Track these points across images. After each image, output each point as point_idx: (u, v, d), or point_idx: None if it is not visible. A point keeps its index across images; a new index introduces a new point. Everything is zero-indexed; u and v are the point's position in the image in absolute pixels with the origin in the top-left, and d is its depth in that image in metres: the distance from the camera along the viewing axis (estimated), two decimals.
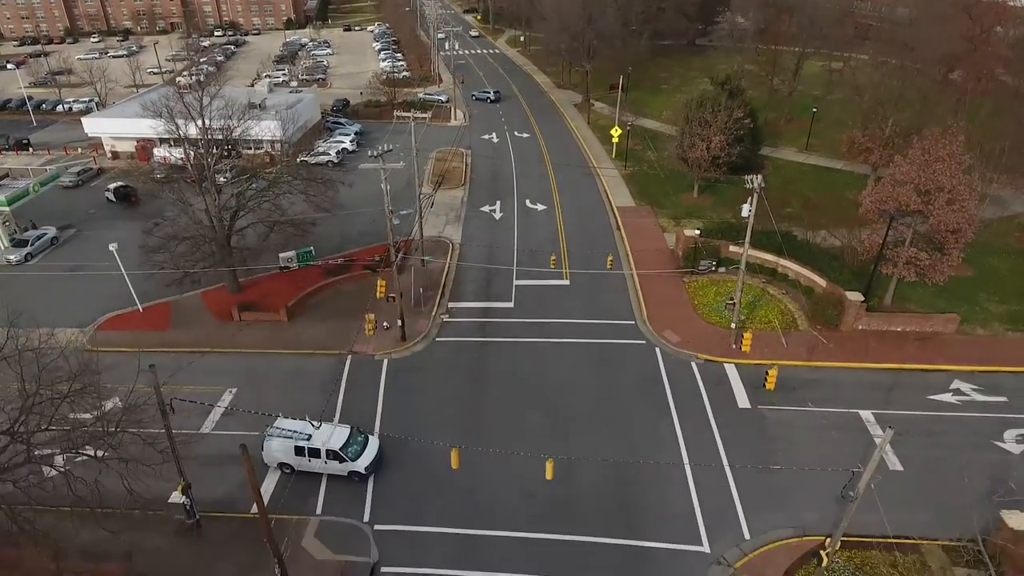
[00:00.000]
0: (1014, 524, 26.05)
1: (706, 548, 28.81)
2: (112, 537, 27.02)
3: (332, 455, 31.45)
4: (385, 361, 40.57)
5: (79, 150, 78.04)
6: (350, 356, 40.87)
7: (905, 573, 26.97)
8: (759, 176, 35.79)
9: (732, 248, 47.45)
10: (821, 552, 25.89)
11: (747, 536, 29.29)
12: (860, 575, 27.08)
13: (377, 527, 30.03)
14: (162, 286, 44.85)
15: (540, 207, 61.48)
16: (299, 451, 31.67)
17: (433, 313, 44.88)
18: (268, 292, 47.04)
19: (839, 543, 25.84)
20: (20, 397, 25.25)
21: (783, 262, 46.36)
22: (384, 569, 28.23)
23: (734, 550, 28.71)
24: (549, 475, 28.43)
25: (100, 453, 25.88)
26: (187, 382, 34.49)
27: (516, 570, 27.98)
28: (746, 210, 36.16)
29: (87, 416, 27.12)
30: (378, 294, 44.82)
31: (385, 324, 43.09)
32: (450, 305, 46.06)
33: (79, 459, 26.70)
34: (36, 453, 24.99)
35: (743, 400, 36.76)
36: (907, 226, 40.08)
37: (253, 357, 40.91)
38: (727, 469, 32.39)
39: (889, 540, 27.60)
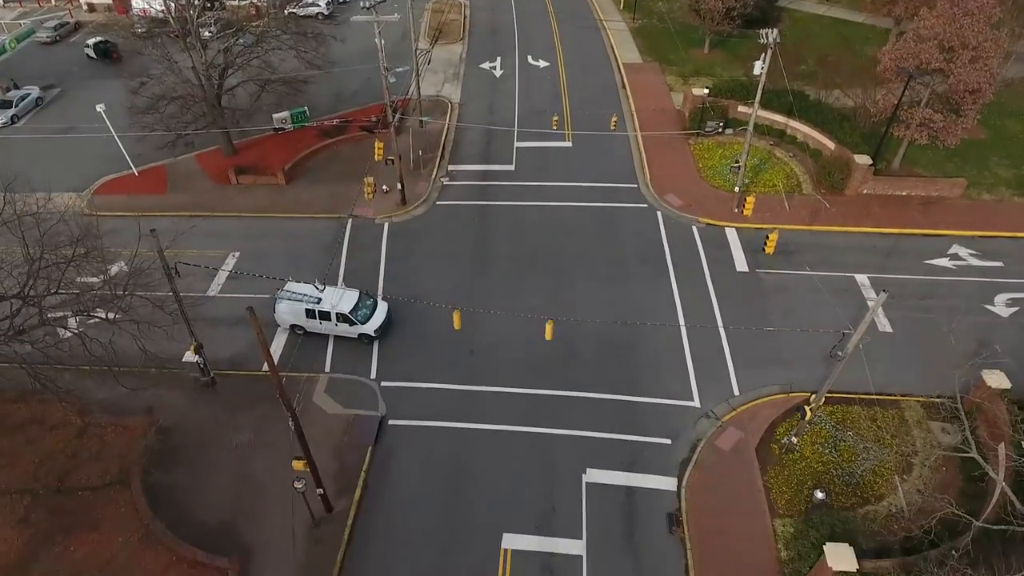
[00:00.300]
0: (993, 383, 27.19)
1: (697, 403, 30.33)
2: (132, 394, 28.40)
3: (342, 318, 32.26)
4: (386, 225, 40.58)
5: (52, 2, 73.31)
6: (351, 220, 40.81)
7: (883, 426, 28.57)
8: (775, 30, 33.76)
9: (741, 108, 45.84)
10: (805, 407, 27.21)
11: (736, 392, 30.74)
12: (841, 428, 28.74)
13: (383, 384, 31.45)
14: (155, 149, 43.92)
15: (543, 64, 58.70)
16: (310, 313, 32.46)
17: (433, 176, 44.24)
18: (264, 154, 46.08)
19: (823, 399, 27.12)
20: (26, 262, 25.53)
21: (792, 123, 44.96)
22: (391, 422, 29.93)
23: (723, 405, 30.26)
24: (548, 336, 29.29)
25: (111, 315, 26.58)
26: (189, 246, 34.72)
27: (515, 423, 29.67)
28: (758, 67, 34.49)
29: (94, 280, 27.59)
30: (376, 156, 43.95)
31: (384, 187, 42.62)
32: (450, 168, 45.30)
33: (91, 321, 27.48)
34: (49, 316, 25.64)
35: (741, 264, 37.13)
36: (925, 85, 38.43)
37: (254, 221, 40.87)
38: (721, 330, 33.37)
39: (871, 396, 28.98)
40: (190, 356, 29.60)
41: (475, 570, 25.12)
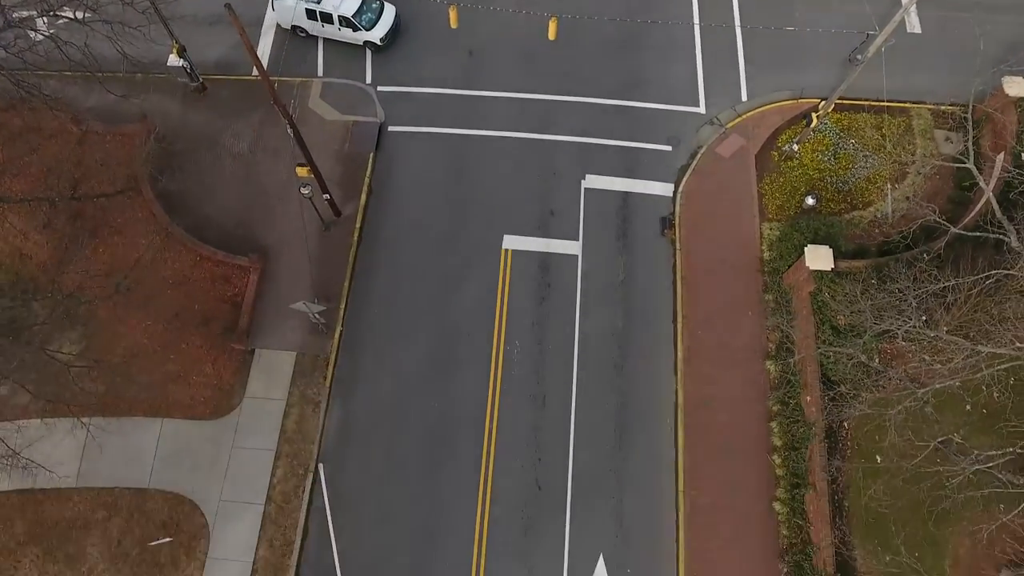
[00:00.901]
0: (1012, 91, 25.83)
1: (702, 109, 29.65)
2: (123, 101, 27.64)
3: (345, 22, 29.78)
4: None
5: None
6: None
7: (887, 134, 28.22)
8: None
9: None
10: (812, 114, 26.61)
11: (744, 98, 29.81)
12: (844, 136, 28.41)
13: (380, 88, 30.42)
14: None
15: None
16: (311, 14, 29.86)
17: None
18: None
19: (833, 106, 26.30)
20: None
21: None
22: (390, 128, 29.66)
23: (729, 111, 29.60)
24: (552, 35, 27.24)
25: (79, 14, 24.65)
26: None
27: (516, 129, 29.38)
28: None
29: None
30: None
31: None
32: None
33: (61, 22, 25.61)
34: (14, 16, 23.77)
35: None
36: None
37: None
38: (738, 29, 31.07)
39: (882, 103, 28.07)
40: (174, 60, 28.09)
41: (478, 266, 27.24)
